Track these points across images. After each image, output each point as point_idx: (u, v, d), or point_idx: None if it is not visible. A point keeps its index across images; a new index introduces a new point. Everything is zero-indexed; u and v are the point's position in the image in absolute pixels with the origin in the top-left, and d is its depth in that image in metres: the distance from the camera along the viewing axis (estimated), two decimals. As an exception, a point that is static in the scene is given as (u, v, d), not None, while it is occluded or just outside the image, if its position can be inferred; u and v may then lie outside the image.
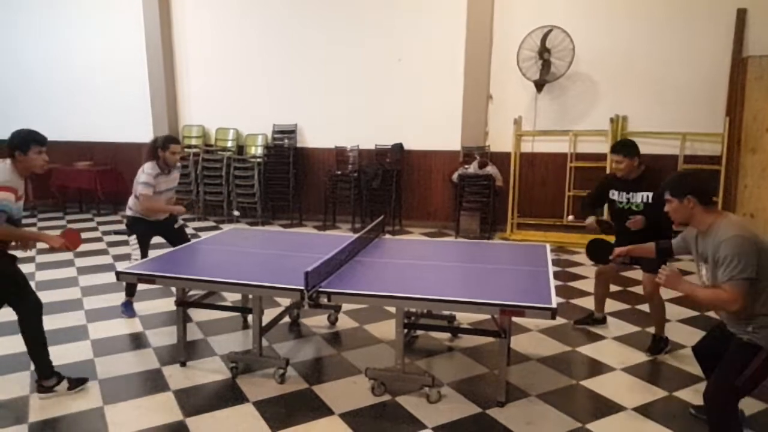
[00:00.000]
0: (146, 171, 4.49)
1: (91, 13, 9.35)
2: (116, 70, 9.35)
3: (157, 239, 4.72)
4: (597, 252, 3.73)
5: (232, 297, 5.00)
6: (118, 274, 3.71)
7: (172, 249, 4.46)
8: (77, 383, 3.45)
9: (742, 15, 6.74)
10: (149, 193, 4.47)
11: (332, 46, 8.35)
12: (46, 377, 3.37)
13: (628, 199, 4.01)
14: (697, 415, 3.21)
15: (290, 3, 8.48)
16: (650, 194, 3.86)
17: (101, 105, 9.50)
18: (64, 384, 3.40)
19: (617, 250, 3.58)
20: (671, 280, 2.71)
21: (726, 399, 2.67)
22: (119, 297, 4.81)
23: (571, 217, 4.28)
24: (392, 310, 4.11)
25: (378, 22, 8.11)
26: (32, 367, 3.48)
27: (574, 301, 5.16)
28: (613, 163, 4.06)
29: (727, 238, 2.59)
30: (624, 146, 4.02)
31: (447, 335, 4.32)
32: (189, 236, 4.91)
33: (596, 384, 3.63)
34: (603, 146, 7.25)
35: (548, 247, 4.23)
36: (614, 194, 4.10)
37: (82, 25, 9.43)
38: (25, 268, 3.65)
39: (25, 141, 3.24)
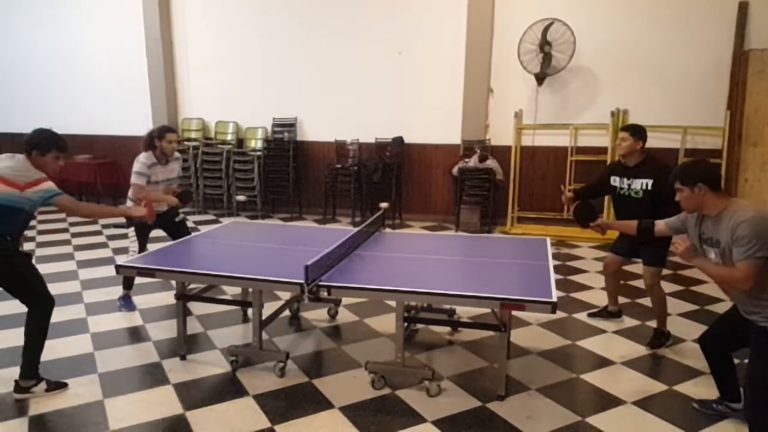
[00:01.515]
0: (140, 160, 4.47)
1: (91, 6, 9.30)
2: (116, 63, 9.31)
3: (157, 232, 4.71)
4: (582, 214, 3.96)
5: (232, 290, 5.00)
6: (118, 267, 3.71)
7: (171, 242, 4.45)
8: (56, 386, 3.39)
9: (743, 8, 6.71)
10: (141, 183, 4.44)
11: (332, 39, 8.31)
12: (29, 377, 3.30)
13: (629, 185, 4.05)
14: (700, 409, 3.22)
15: (290, -5, 8.45)
16: (649, 181, 3.92)
17: (101, 98, 9.47)
18: (42, 386, 3.33)
19: (599, 221, 3.84)
20: (686, 253, 2.79)
21: (765, 390, 2.67)
22: (119, 290, 4.80)
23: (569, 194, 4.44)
24: (392, 303, 4.11)
25: (378, 16, 8.07)
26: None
27: (575, 295, 5.15)
28: (617, 141, 4.15)
29: (746, 219, 2.62)
30: (633, 127, 4.13)
31: (447, 329, 4.31)
32: (190, 230, 4.90)
33: (596, 378, 3.63)
34: (604, 140, 7.23)
35: (548, 240, 4.23)
36: (615, 180, 4.15)
37: (82, 18, 9.38)
38: (25, 262, 3.64)
39: (47, 143, 3.24)
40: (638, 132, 4.03)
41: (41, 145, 3.22)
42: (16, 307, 3.34)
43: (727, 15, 6.77)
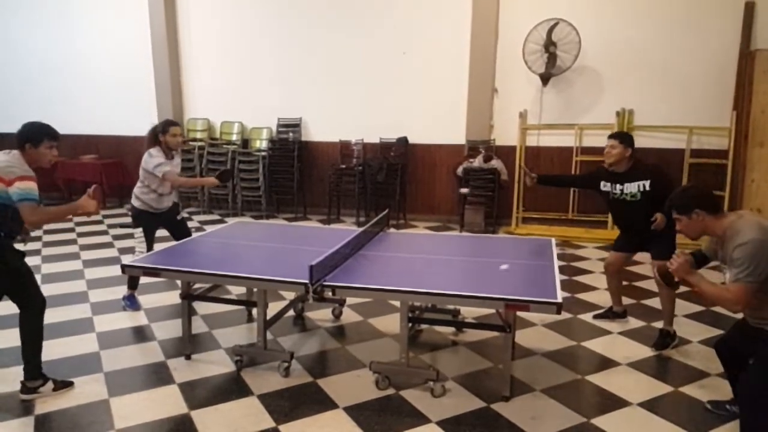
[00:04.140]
0: (154, 154, 4.46)
1: (96, 6, 9.34)
2: (121, 63, 9.34)
3: (162, 232, 4.73)
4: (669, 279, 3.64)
5: (236, 290, 5.01)
6: (124, 266, 3.72)
7: (176, 242, 4.45)
8: (63, 385, 3.40)
9: (750, 8, 6.68)
10: (172, 169, 4.46)
11: (337, 40, 8.32)
12: (33, 378, 3.31)
13: (621, 190, 4.05)
14: (712, 410, 3.18)
15: (295, -4, 8.46)
16: (646, 182, 3.93)
17: (106, 98, 9.50)
18: (49, 385, 3.34)
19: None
20: (681, 268, 2.72)
21: (761, 397, 2.61)
22: (124, 290, 4.81)
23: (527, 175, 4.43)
24: (396, 303, 4.09)
25: (382, 15, 8.07)
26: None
27: (580, 296, 5.14)
28: (606, 148, 4.10)
29: (744, 242, 2.57)
30: (621, 134, 4.15)
31: (451, 329, 4.31)
32: (191, 230, 4.91)
33: (601, 379, 3.62)
34: (609, 140, 7.21)
35: (553, 241, 4.22)
36: (606, 186, 4.14)
37: (87, 18, 9.42)
38: (32, 261, 3.66)
39: (38, 134, 3.22)
40: (627, 139, 4.04)
41: (32, 136, 3.21)
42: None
43: (733, 15, 6.74)
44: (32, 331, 3.29)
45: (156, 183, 4.50)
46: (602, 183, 4.17)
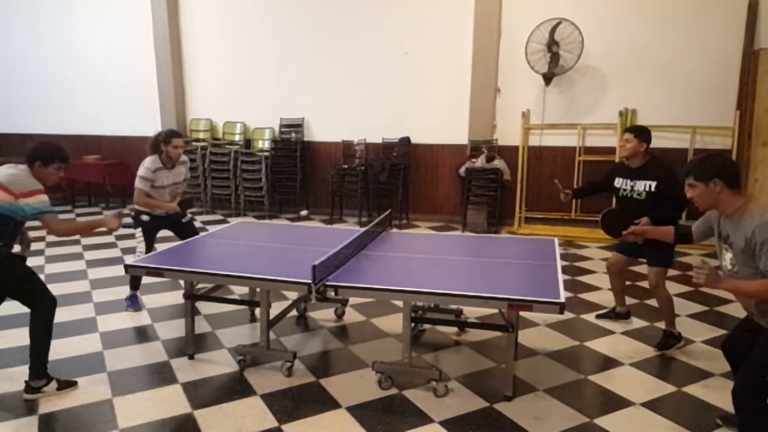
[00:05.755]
0: (145, 165, 4.49)
1: (98, 6, 9.36)
2: (124, 63, 9.36)
3: (165, 232, 4.74)
4: (612, 223, 3.71)
5: (239, 290, 5.02)
6: (127, 267, 3.74)
7: (180, 242, 4.46)
8: (66, 385, 3.42)
9: (753, 8, 6.67)
10: (144, 188, 4.47)
11: (339, 40, 8.33)
12: (38, 377, 3.33)
13: (632, 186, 4.04)
14: (722, 424, 3.08)
15: (297, -4, 8.48)
16: (652, 183, 3.92)
17: (109, 99, 9.52)
18: (53, 385, 3.36)
19: (632, 227, 3.52)
20: (711, 280, 2.50)
21: (756, 396, 2.54)
22: (127, 290, 4.83)
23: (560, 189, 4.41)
24: (399, 303, 4.11)
25: (385, 15, 8.07)
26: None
27: (582, 296, 5.13)
28: (621, 142, 4.14)
29: (764, 222, 2.41)
30: (637, 128, 4.13)
31: (454, 329, 4.31)
32: (198, 230, 4.91)
33: (604, 379, 3.62)
34: (612, 140, 7.20)
35: (556, 241, 4.22)
36: (619, 181, 4.14)
37: (90, 18, 9.44)
38: (35, 261, 3.67)
39: (50, 155, 3.33)
40: (642, 133, 4.02)
41: (45, 156, 3.30)
42: (22, 305, 3.36)
43: (737, 14, 6.73)
44: (42, 331, 3.32)
45: (147, 188, 4.52)
46: (617, 179, 4.17)
